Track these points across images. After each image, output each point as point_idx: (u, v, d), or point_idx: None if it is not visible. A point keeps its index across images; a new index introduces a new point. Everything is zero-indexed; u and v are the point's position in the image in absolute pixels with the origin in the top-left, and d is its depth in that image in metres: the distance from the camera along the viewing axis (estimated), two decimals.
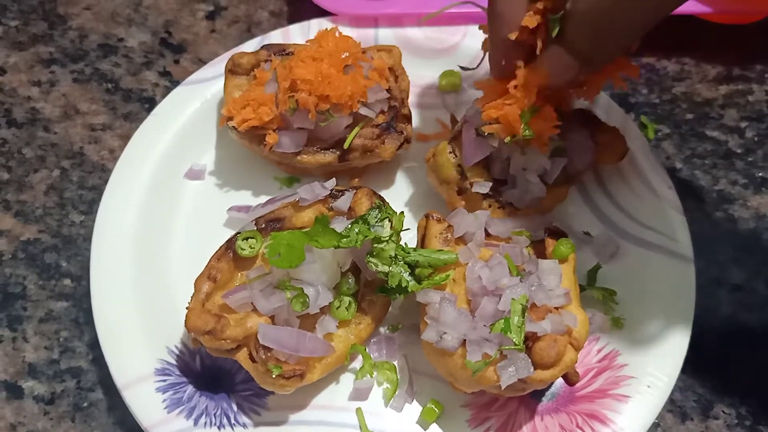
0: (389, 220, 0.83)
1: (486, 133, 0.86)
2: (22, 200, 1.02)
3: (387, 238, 0.82)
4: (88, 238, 0.98)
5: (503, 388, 0.75)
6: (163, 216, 0.96)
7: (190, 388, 0.84)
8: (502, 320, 0.74)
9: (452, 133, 0.94)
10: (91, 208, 1.02)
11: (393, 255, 0.81)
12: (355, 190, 0.88)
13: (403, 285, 0.81)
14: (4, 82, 1.13)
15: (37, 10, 1.21)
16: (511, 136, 0.84)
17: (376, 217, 0.83)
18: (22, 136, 1.08)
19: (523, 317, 0.75)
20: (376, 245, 0.81)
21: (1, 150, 1.06)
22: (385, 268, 0.81)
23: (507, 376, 0.74)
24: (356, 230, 0.80)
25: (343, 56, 0.93)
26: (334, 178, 0.90)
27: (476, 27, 1.08)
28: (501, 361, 0.75)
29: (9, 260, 0.98)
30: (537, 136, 0.84)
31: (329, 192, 0.88)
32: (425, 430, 0.84)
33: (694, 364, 0.93)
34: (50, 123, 1.09)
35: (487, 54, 0.87)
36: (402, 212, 0.87)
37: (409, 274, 0.81)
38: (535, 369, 0.74)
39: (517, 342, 0.74)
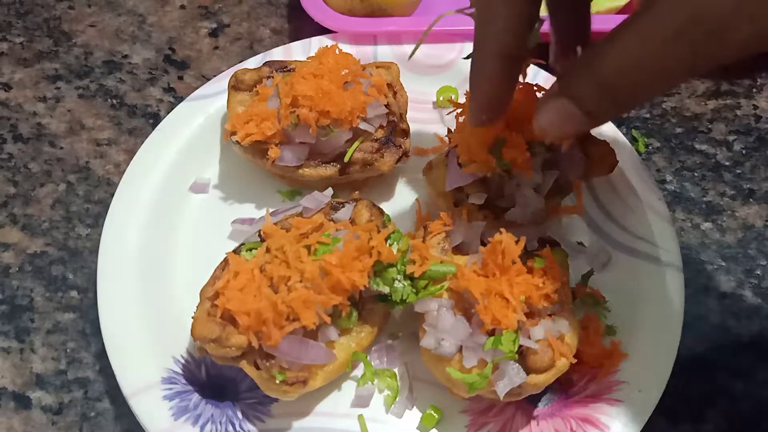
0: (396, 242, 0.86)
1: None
2: (28, 214, 1.05)
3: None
4: (94, 251, 1.00)
5: (501, 397, 0.77)
6: (168, 229, 0.98)
7: (196, 396, 0.86)
8: (493, 338, 0.77)
9: (448, 146, 0.97)
10: (97, 221, 1.04)
11: (396, 277, 0.84)
12: (355, 202, 0.91)
13: (404, 298, 0.84)
14: (9, 98, 1.15)
15: (42, 27, 1.23)
16: (489, 170, 0.88)
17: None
18: (28, 151, 1.10)
19: (516, 332, 0.78)
20: (379, 267, 0.84)
21: (8, 165, 1.09)
22: (386, 289, 0.84)
23: (502, 385, 0.77)
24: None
25: (343, 73, 0.96)
26: (330, 188, 0.93)
27: (472, 44, 1.12)
28: (495, 372, 0.78)
29: (16, 273, 1.00)
30: (515, 164, 0.87)
31: (330, 199, 0.91)
32: None
33: (684, 370, 0.95)
34: (56, 138, 1.11)
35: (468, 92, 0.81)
36: (409, 234, 0.90)
37: (409, 285, 0.84)
38: (529, 374, 0.77)
39: (509, 353, 0.76)
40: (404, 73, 1.05)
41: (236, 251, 0.87)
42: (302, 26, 1.21)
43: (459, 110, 0.95)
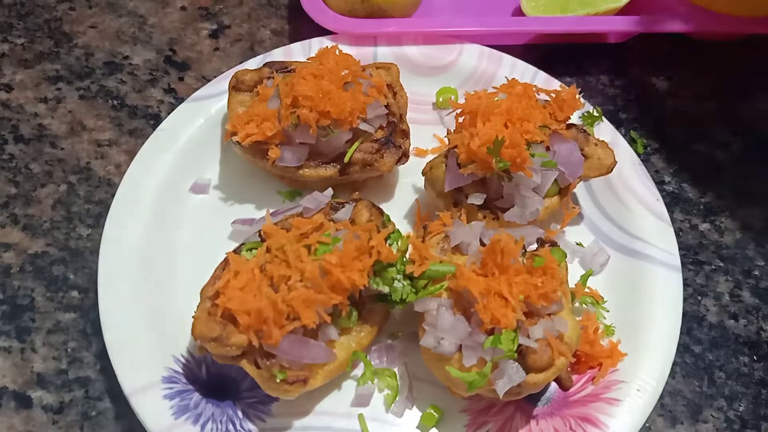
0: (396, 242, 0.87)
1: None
2: (29, 214, 1.05)
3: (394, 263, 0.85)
4: (94, 251, 1.00)
5: (500, 396, 0.78)
6: (169, 229, 0.99)
7: (196, 396, 0.86)
8: (492, 336, 0.78)
9: (448, 147, 0.98)
10: (97, 221, 1.04)
11: (395, 277, 0.84)
12: (355, 203, 0.91)
13: (404, 297, 0.84)
14: (11, 98, 1.15)
15: (43, 28, 1.24)
16: (488, 171, 0.89)
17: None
18: (29, 151, 1.10)
19: (515, 331, 0.78)
20: (379, 267, 0.84)
21: (9, 165, 1.09)
22: (386, 289, 0.84)
23: (502, 384, 0.77)
24: None
25: (343, 73, 0.96)
26: (330, 188, 0.93)
27: (472, 46, 1.13)
28: (494, 371, 0.78)
29: (17, 273, 1.00)
30: (514, 164, 0.88)
31: (330, 199, 0.91)
32: None
33: (683, 370, 0.96)
34: (57, 139, 1.12)
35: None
36: (408, 234, 0.90)
37: (409, 285, 0.85)
38: (528, 373, 0.78)
39: (508, 352, 0.77)
40: (404, 74, 1.06)
41: (237, 251, 0.87)
42: (302, 27, 1.22)
43: (458, 111, 0.96)
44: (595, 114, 1.06)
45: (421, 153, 1.07)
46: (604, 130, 1.06)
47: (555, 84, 1.10)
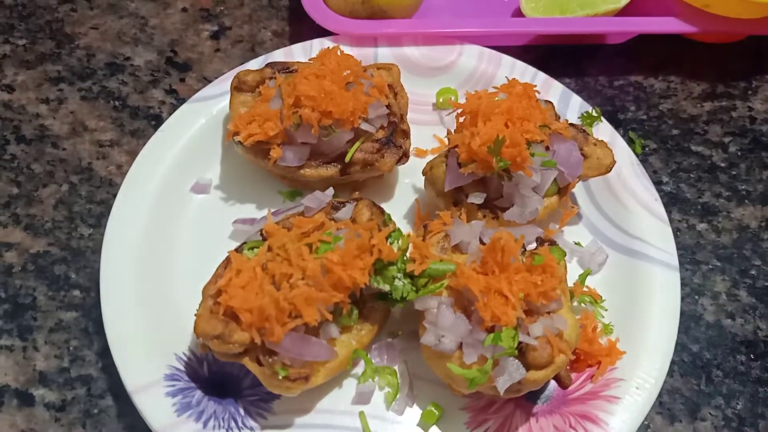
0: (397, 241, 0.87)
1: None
2: (31, 214, 1.05)
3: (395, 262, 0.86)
4: (96, 251, 1.01)
5: (501, 392, 0.78)
6: (170, 229, 0.99)
7: (198, 393, 0.87)
8: (493, 334, 0.78)
9: (448, 147, 0.98)
10: (99, 221, 1.05)
11: (396, 275, 0.85)
12: (355, 202, 0.92)
13: (404, 295, 0.85)
14: (12, 99, 1.16)
15: (45, 29, 1.24)
16: (488, 170, 0.90)
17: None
18: (30, 152, 1.11)
19: (515, 329, 0.79)
20: (380, 265, 0.85)
21: (11, 165, 1.09)
22: (387, 287, 0.85)
23: (502, 381, 0.78)
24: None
25: (345, 74, 0.97)
26: (331, 187, 0.94)
27: (471, 46, 1.13)
28: (495, 368, 0.78)
29: (19, 272, 1.01)
30: (514, 163, 0.89)
31: (331, 199, 0.92)
32: None
33: (681, 369, 0.97)
34: (59, 139, 1.12)
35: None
36: (409, 233, 0.91)
37: (409, 283, 0.85)
38: (528, 370, 0.78)
39: (508, 350, 0.77)
40: (404, 74, 1.07)
41: (238, 250, 0.88)
42: (303, 29, 1.23)
43: (459, 111, 0.96)
44: (594, 114, 1.07)
45: (421, 153, 1.08)
46: (603, 131, 1.07)
47: (555, 84, 1.10)
